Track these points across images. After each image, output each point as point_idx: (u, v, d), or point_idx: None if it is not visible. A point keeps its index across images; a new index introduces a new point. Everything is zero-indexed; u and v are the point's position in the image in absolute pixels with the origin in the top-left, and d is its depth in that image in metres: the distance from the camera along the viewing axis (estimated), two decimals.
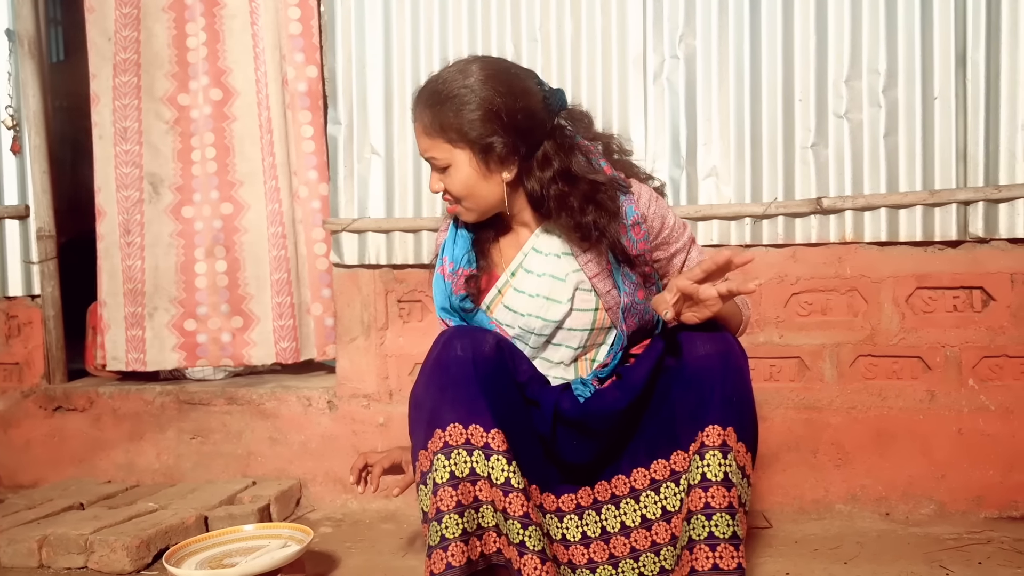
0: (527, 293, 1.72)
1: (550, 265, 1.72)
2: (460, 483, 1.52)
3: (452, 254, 1.75)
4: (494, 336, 1.62)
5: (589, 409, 1.64)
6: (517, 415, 1.62)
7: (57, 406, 2.77)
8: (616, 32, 2.40)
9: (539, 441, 1.66)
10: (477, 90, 1.61)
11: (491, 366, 1.58)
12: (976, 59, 2.25)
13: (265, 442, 2.63)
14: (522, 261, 1.74)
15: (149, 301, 2.74)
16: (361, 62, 2.52)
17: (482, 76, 1.61)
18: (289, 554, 1.87)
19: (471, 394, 1.56)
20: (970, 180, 2.26)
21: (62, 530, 2.14)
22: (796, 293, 2.36)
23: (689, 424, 1.55)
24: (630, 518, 1.63)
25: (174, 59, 2.74)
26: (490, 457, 1.54)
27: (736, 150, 2.36)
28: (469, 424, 1.54)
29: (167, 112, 2.74)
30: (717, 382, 1.53)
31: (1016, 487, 2.28)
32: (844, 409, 2.35)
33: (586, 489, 1.69)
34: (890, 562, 1.98)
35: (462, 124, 1.61)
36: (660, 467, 1.61)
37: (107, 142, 2.74)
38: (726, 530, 1.48)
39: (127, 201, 2.73)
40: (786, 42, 2.33)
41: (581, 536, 1.65)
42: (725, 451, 1.50)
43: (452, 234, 1.78)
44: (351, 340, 2.58)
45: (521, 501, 1.54)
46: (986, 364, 2.29)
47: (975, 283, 2.28)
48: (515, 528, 1.53)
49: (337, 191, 2.56)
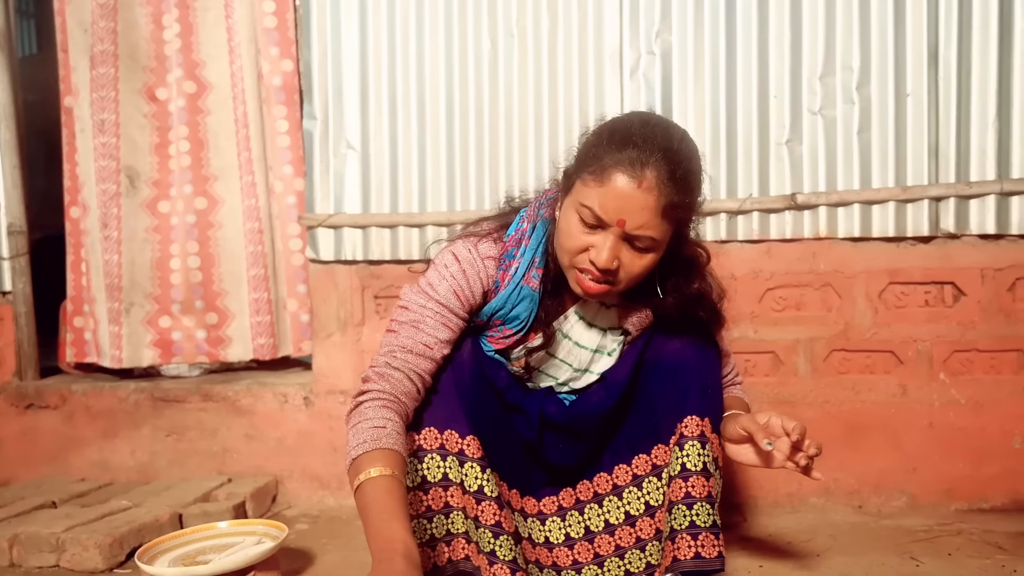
0: (561, 360, 1.64)
1: (594, 339, 1.63)
2: (432, 488, 1.51)
3: (509, 311, 1.56)
4: (470, 343, 1.59)
5: (576, 412, 1.63)
6: (496, 421, 1.61)
7: (29, 404, 2.74)
8: (592, 28, 2.41)
9: (521, 446, 1.65)
10: (702, 177, 1.47)
11: (470, 373, 1.57)
12: (948, 56, 2.27)
13: (241, 439, 2.61)
14: (562, 324, 1.63)
15: (126, 297, 2.71)
16: (337, 56, 2.50)
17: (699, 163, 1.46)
18: (263, 551, 1.85)
19: (447, 400, 1.55)
20: (942, 176, 2.29)
21: (33, 529, 2.12)
22: (771, 288, 2.37)
23: (669, 416, 1.56)
24: (614, 516, 1.63)
25: (152, 52, 2.70)
26: (464, 464, 1.54)
27: (711, 146, 2.37)
28: (444, 430, 1.54)
29: (145, 105, 2.71)
30: (694, 373, 1.54)
31: (986, 480, 2.31)
32: (818, 403, 2.36)
33: (568, 490, 1.68)
34: (862, 554, 2.00)
35: (690, 217, 1.47)
36: (642, 462, 1.61)
37: (87, 135, 2.70)
38: (707, 519, 1.49)
39: (104, 195, 2.70)
40: (761, 39, 2.35)
41: (564, 538, 1.65)
42: (703, 441, 1.52)
43: (517, 288, 1.55)
44: (327, 336, 2.57)
45: (494, 510, 1.53)
46: (957, 358, 2.32)
47: (946, 278, 2.31)
48: (486, 537, 1.52)
49: (313, 186, 2.54)
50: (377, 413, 1.41)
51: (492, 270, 1.56)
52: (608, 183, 1.37)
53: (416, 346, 1.50)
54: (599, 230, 1.41)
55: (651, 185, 1.35)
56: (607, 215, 1.38)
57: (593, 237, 1.41)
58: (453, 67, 2.47)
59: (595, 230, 1.41)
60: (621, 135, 1.40)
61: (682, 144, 1.42)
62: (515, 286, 1.54)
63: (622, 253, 1.41)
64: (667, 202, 1.37)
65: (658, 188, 1.36)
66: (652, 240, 1.40)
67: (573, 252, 1.44)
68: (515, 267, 1.54)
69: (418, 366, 1.50)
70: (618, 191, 1.36)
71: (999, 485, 2.31)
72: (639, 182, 1.35)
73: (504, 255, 1.56)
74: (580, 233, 1.42)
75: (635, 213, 1.36)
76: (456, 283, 1.53)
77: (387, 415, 1.41)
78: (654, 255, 1.43)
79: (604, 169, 1.38)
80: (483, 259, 1.55)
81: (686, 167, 1.39)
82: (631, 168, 1.36)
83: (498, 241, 1.58)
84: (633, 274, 1.44)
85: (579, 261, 1.44)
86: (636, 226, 1.37)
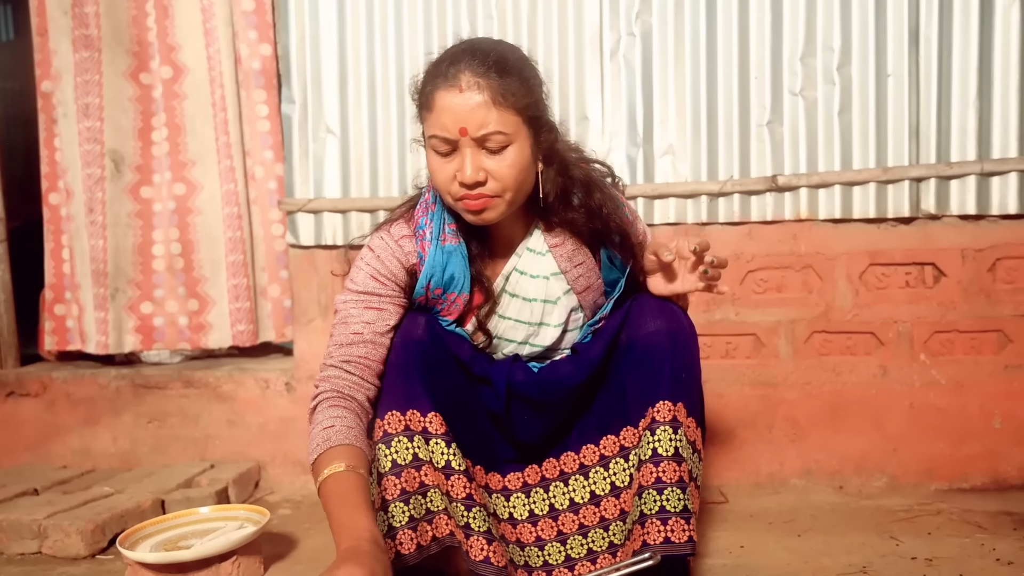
0: (514, 319, 1.65)
1: (540, 289, 1.64)
2: (403, 470, 1.52)
3: (442, 274, 1.57)
4: (425, 318, 1.59)
5: (543, 380, 1.63)
6: (459, 395, 1.61)
7: (10, 392, 2.72)
8: (572, 9, 2.39)
9: (487, 419, 1.66)
10: (532, 65, 1.50)
11: (425, 349, 1.57)
12: (929, 36, 2.27)
13: (223, 425, 2.61)
14: (504, 285, 1.65)
15: (111, 283, 2.69)
16: (315, 40, 2.48)
17: (519, 52, 1.51)
18: (244, 535, 1.85)
19: (406, 380, 1.55)
20: (922, 157, 2.29)
21: (15, 515, 2.11)
22: (752, 271, 2.37)
23: (639, 401, 1.55)
24: (579, 495, 1.64)
25: (134, 36, 2.67)
26: (429, 441, 1.55)
27: (692, 128, 2.37)
28: (407, 410, 1.55)
29: (129, 88, 2.68)
30: (667, 359, 1.54)
31: (965, 459, 2.32)
32: (799, 385, 2.37)
33: (533, 467, 1.68)
34: (843, 534, 2.01)
35: (532, 98, 1.47)
36: (610, 443, 1.62)
37: (71, 120, 2.67)
38: (677, 504, 1.49)
39: (90, 179, 2.67)
40: (741, 20, 2.34)
41: (528, 514, 1.66)
42: (676, 426, 1.51)
43: (438, 249, 1.58)
44: (308, 322, 2.56)
45: (463, 483, 1.55)
46: (937, 339, 2.32)
47: (927, 259, 2.31)
48: (459, 510, 1.54)
49: (292, 171, 2.53)
50: (325, 414, 1.47)
51: (410, 246, 1.60)
52: (436, 104, 1.44)
53: (347, 337, 1.55)
54: (455, 154, 1.46)
55: (470, 83, 1.41)
56: (448, 132, 1.43)
57: (453, 163, 1.46)
58: (432, 50, 2.40)
59: (451, 156, 1.46)
60: (433, 63, 1.50)
61: (490, 43, 1.49)
62: (436, 247, 1.57)
63: (483, 162, 1.45)
64: (493, 92, 1.41)
65: (477, 83, 1.41)
66: (502, 135, 1.43)
67: (446, 184, 1.48)
68: (428, 233, 1.59)
69: (352, 354, 1.54)
70: (445, 105, 1.42)
71: (979, 465, 2.32)
72: (459, 87, 1.41)
73: (417, 227, 1.60)
74: (442, 165, 1.47)
75: (469, 115, 1.41)
76: (372, 268, 1.58)
77: (335, 413, 1.47)
78: (514, 151, 1.45)
79: (428, 96, 1.46)
80: (396, 240, 1.60)
81: (497, 54, 1.44)
82: (448, 79, 1.43)
83: (409, 220, 1.63)
84: (505, 177, 1.46)
85: (455, 191, 1.48)
86: (478, 127, 1.42)
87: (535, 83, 1.50)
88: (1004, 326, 2.30)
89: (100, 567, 2.01)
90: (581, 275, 1.65)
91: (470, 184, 1.44)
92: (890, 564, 1.81)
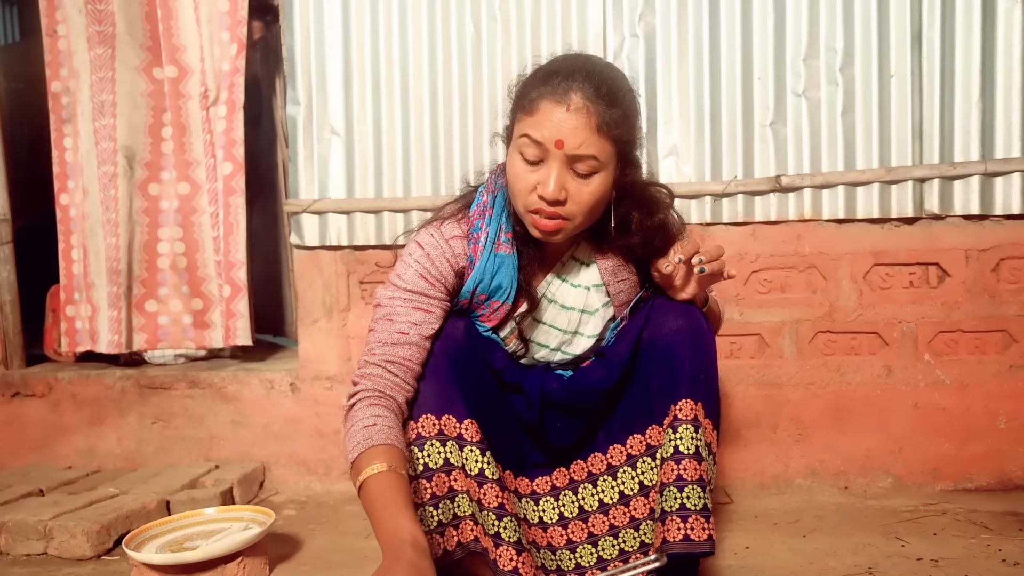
0: (549, 324, 1.65)
1: (579, 298, 1.64)
2: (435, 474, 1.51)
3: (490, 281, 1.56)
4: (464, 323, 1.59)
5: (576, 387, 1.63)
6: (493, 402, 1.61)
7: (15, 392, 2.73)
8: (576, 11, 2.40)
9: (518, 425, 1.66)
10: (637, 100, 1.50)
11: (464, 355, 1.56)
12: (932, 37, 2.27)
13: (228, 425, 2.61)
14: (545, 290, 1.65)
15: (123, 280, 2.67)
16: (319, 41, 2.49)
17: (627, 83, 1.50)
18: (250, 536, 1.85)
19: (444, 384, 1.55)
20: (926, 158, 2.29)
21: (20, 516, 2.11)
22: (756, 271, 2.38)
23: (664, 398, 1.55)
24: (608, 495, 1.63)
25: (147, 31, 2.65)
26: (464, 448, 1.54)
27: (696, 129, 2.37)
28: (442, 415, 1.54)
29: (142, 83, 2.66)
30: (688, 356, 1.53)
31: (970, 459, 2.32)
32: (803, 385, 2.37)
33: (561, 470, 1.68)
34: (848, 534, 2.01)
35: (631, 135, 1.48)
36: (636, 442, 1.61)
37: (87, 118, 2.65)
38: (697, 502, 1.49)
39: (104, 177, 2.66)
40: (744, 20, 2.34)
41: (559, 517, 1.65)
42: (696, 425, 1.51)
43: (491, 256, 1.56)
44: (313, 322, 2.57)
45: (496, 492, 1.54)
46: (941, 339, 2.33)
47: (931, 259, 2.31)
48: (490, 519, 1.53)
49: (297, 172, 2.53)
50: (366, 412, 1.44)
51: (460, 248, 1.57)
52: (538, 112, 1.42)
53: (391, 336, 1.52)
54: (542, 164, 1.44)
55: (579, 105, 1.40)
56: (545, 139, 1.41)
57: (538, 173, 1.44)
58: (436, 51, 2.45)
59: (538, 166, 1.44)
60: (544, 71, 1.46)
61: (605, 67, 1.47)
62: (489, 254, 1.55)
63: (568, 183, 1.43)
64: (599, 119, 1.40)
65: (586, 107, 1.40)
66: (595, 160, 1.42)
67: (524, 193, 1.46)
68: (483, 237, 1.56)
69: (396, 355, 1.51)
70: (550, 116, 1.41)
71: (984, 465, 2.32)
72: (567, 105, 1.40)
73: (472, 229, 1.58)
74: (525, 172, 1.45)
75: (570, 133, 1.40)
76: (421, 267, 1.55)
77: (375, 412, 1.44)
78: (600, 179, 1.45)
79: (533, 102, 1.43)
80: (447, 240, 1.57)
81: (611, 84, 1.43)
82: (557, 94, 1.41)
83: (462, 220, 1.60)
84: (583, 203, 1.45)
85: (531, 202, 1.46)
86: (575, 145, 1.40)
87: (636, 120, 1.50)
88: (1008, 326, 2.30)
89: (106, 568, 2.01)
90: (623, 290, 1.65)
91: (550, 200, 1.43)
92: (896, 565, 1.81)
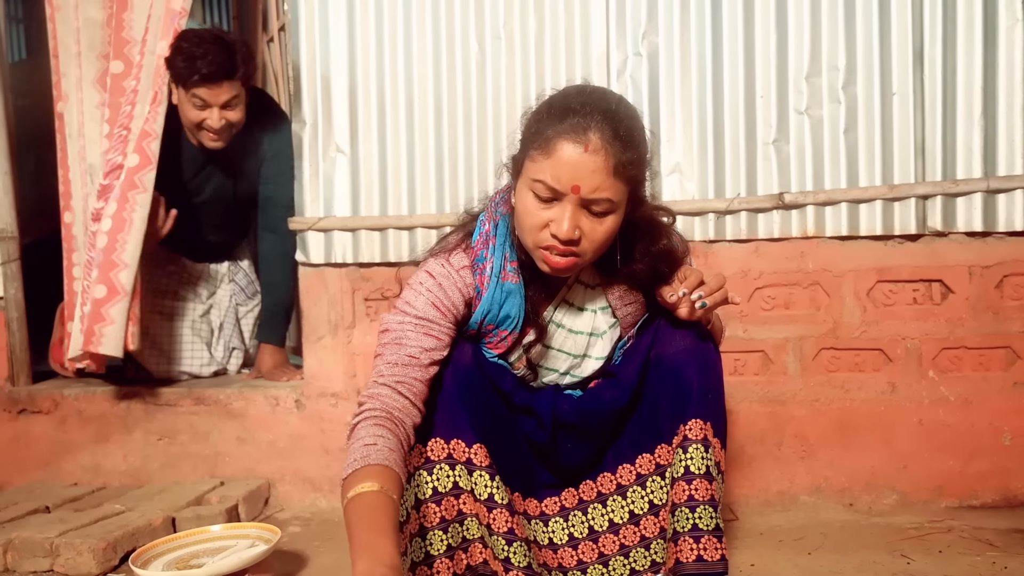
0: (557, 349, 1.66)
1: (587, 322, 1.65)
2: (444, 498, 1.52)
3: (498, 313, 1.56)
4: (472, 348, 1.59)
5: (586, 408, 1.64)
6: (501, 425, 1.61)
7: (22, 409, 2.74)
8: (579, 29, 2.41)
9: (527, 447, 1.66)
10: (647, 138, 1.49)
11: (472, 379, 1.57)
12: (933, 55, 2.28)
13: (233, 442, 2.62)
14: (552, 315, 1.64)
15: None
16: (325, 60, 2.50)
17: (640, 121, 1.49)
18: (256, 554, 1.86)
19: (452, 409, 1.55)
20: (928, 175, 2.30)
21: (27, 533, 2.12)
22: (759, 287, 2.38)
23: (672, 417, 1.56)
24: (618, 515, 1.63)
25: (105, 38, 2.60)
26: (473, 472, 1.54)
27: (699, 146, 2.38)
28: (451, 439, 1.54)
29: (96, 95, 2.62)
30: (695, 376, 1.54)
31: (975, 476, 2.32)
32: (808, 402, 2.37)
33: (570, 490, 1.69)
34: (853, 552, 2.01)
35: (643, 176, 1.49)
36: (645, 461, 1.61)
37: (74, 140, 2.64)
38: (709, 522, 1.49)
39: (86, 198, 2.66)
40: (747, 39, 2.36)
41: (568, 538, 1.65)
42: (707, 445, 1.52)
43: (497, 287, 1.56)
44: (318, 339, 2.58)
45: (506, 517, 1.55)
46: (946, 355, 2.33)
47: (934, 276, 2.32)
48: (500, 544, 1.54)
49: (302, 190, 2.54)
50: (368, 431, 1.41)
51: (469, 278, 1.57)
52: (555, 153, 1.39)
53: (401, 358, 1.50)
54: (555, 203, 1.42)
55: (597, 147, 1.38)
56: (560, 184, 1.39)
57: (551, 211, 1.43)
58: (441, 70, 2.47)
59: (551, 204, 1.43)
60: (559, 106, 1.43)
61: (620, 105, 1.45)
62: (495, 284, 1.55)
63: (582, 221, 1.42)
64: (616, 161, 1.39)
65: (604, 149, 1.38)
66: (610, 202, 1.41)
67: (535, 230, 1.45)
68: (489, 267, 1.56)
69: (406, 376, 1.48)
70: (567, 159, 1.38)
71: (989, 482, 2.32)
72: (585, 146, 1.37)
73: (476, 260, 1.58)
74: (537, 210, 1.44)
75: (587, 177, 1.38)
76: (433, 295, 1.54)
77: (378, 432, 1.41)
78: (613, 219, 1.45)
79: (549, 141, 1.40)
80: (457, 270, 1.57)
81: (628, 125, 1.42)
82: (575, 134, 1.38)
83: (467, 250, 1.60)
84: (596, 241, 1.45)
85: (542, 239, 1.45)
86: (591, 190, 1.39)
87: (647, 158, 1.49)
88: (1012, 342, 2.30)
89: None
90: (630, 313, 1.66)
91: (564, 240, 1.42)
92: None
